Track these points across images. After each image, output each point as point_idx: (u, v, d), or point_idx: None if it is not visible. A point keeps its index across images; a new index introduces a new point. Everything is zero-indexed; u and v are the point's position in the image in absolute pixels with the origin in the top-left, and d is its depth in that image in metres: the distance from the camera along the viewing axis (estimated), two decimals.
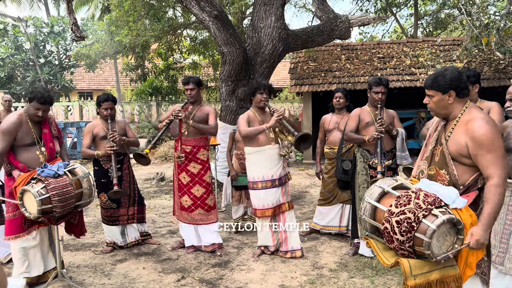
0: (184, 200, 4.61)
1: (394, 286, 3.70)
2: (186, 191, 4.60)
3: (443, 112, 2.39)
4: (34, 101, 3.54)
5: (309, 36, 7.93)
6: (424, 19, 18.10)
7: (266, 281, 3.89)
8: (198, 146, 4.58)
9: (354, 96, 9.60)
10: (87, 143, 4.59)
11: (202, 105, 4.65)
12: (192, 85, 4.50)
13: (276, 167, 4.32)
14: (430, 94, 2.39)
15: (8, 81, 18.45)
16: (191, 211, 4.60)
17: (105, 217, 4.72)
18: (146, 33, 11.22)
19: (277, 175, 4.32)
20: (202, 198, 4.59)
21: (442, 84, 2.33)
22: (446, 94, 2.33)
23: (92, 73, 21.71)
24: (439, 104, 2.37)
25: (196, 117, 4.51)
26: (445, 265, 2.20)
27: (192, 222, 4.61)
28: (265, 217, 4.35)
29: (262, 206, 4.32)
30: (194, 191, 4.58)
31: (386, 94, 4.36)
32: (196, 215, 4.59)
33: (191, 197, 4.59)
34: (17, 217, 3.58)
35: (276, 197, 4.33)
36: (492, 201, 2.16)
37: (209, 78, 15.85)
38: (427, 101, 2.43)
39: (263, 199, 4.31)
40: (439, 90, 2.34)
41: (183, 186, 4.61)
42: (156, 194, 7.77)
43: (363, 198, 2.44)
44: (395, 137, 4.37)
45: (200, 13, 6.90)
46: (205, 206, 4.59)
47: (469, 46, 9.08)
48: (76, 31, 7.48)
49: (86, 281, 3.93)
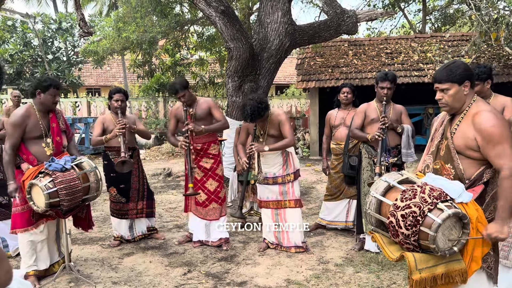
0: (198, 196, 4.63)
1: (400, 281, 3.70)
2: (200, 186, 4.62)
3: (458, 105, 2.34)
4: (51, 88, 3.60)
5: (316, 31, 7.90)
6: (432, 15, 17.93)
7: (271, 275, 3.91)
8: (208, 142, 4.59)
9: (361, 92, 9.56)
10: (97, 133, 4.64)
11: (197, 100, 4.61)
12: (181, 92, 4.40)
13: (272, 167, 4.40)
14: (445, 88, 2.33)
15: (17, 77, 18.60)
16: (205, 206, 4.62)
17: (114, 211, 4.76)
18: (153, 29, 11.24)
19: (271, 174, 4.41)
20: (215, 192, 4.62)
21: (458, 75, 2.29)
22: (462, 85, 2.30)
23: (99, 70, 21.83)
24: (455, 96, 2.31)
25: (198, 115, 4.51)
26: (450, 259, 2.19)
27: (206, 218, 4.64)
28: (265, 208, 4.52)
29: (266, 198, 4.51)
30: (208, 186, 4.61)
31: (393, 89, 4.32)
32: (210, 210, 4.62)
33: (205, 192, 4.61)
34: (26, 211, 3.62)
35: (271, 194, 4.44)
36: (504, 194, 2.14)
37: (215, 74, 15.85)
38: (441, 96, 2.36)
39: (261, 192, 4.53)
40: (456, 81, 2.30)
41: (197, 182, 4.62)
42: (163, 189, 7.81)
43: (368, 193, 2.43)
44: (401, 134, 4.34)
45: (206, 9, 6.89)
46: (218, 200, 4.63)
47: (478, 41, 8.99)
48: (83, 27, 7.52)
49: (94, 274, 3.98)
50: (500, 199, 2.17)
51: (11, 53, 18.01)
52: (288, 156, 4.43)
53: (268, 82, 7.54)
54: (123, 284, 3.75)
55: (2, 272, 1.30)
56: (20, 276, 3.58)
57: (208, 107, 4.54)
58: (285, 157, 4.41)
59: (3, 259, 1.35)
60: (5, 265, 1.32)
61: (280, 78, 16.63)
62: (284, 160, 4.41)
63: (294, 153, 4.55)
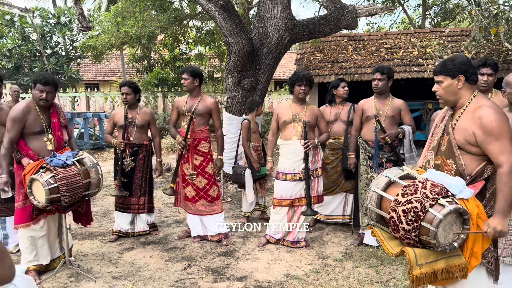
0: (188, 191, 4.64)
1: (399, 276, 3.71)
2: (189, 182, 4.62)
3: (452, 99, 2.37)
4: (37, 83, 3.58)
5: (316, 26, 7.87)
6: (432, 10, 17.89)
7: (271, 270, 3.92)
8: (199, 139, 4.58)
9: (361, 87, 9.59)
10: (109, 130, 4.87)
11: (204, 96, 4.63)
12: (186, 74, 4.51)
13: (298, 162, 4.32)
14: (439, 80, 2.38)
15: (16, 72, 18.52)
16: (195, 202, 4.63)
17: (117, 204, 4.80)
18: (152, 24, 11.19)
19: (299, 170, 4.32)
20: (204, 190, 4.61)
21: (451, 68, 2.32)
22: (455, 79, 2.32)
23: (98, 64, 21.73)
24: (448, 89, 2.35)
25: (198, 110, 4.52)
26: (450, 254, 2.20)
27: (197, 213, 4.64)
28: (281, 206, 4.42)
29: (280, 196, 4.41)
30: (197, 183, 4.61)
31: (385, 81, 4.28)
32: (200, 206, 4.63)
33: (194, 188, 4.62)
34: (27, 206, 3.62)
35: (295, 191, 4.35)
36: (504, 188, 2.15)
37: (215, 69, 15.81)
38: (436, 88, 2.41)
39: (281, 190, 4.40)
40: (448, 74, 2.33)
41: (186, 177, 4.63)
42: (162, 185, 7.82)
43: (368, 188, 2.44)
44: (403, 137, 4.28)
45: (206, 3, 6.87)
46: (208, 197, 4.62)
47: (478, 36, 8.97)
48: (82, 21, 7.50)
49: (94, 269, 3.99)
50: (499, 194, 2.18)
51: (9, 48, 17.92)
52: (317, 150, 4.43)
53: (267, 77, 7.53)
54: (123, 279, 3.76)
55: (5, 267, 1.31)
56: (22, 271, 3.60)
57: (210, 109, 4.56)
58: (315, 151, 4.40)
59: (6, 255, 1.36)
60: (8, 260, 1.33)
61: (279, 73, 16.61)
62: (313, 155, 4.38)
63: (321, 149, 4.56)
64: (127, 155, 4.66)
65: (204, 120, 4.58)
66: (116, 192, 4.66)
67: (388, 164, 4.24)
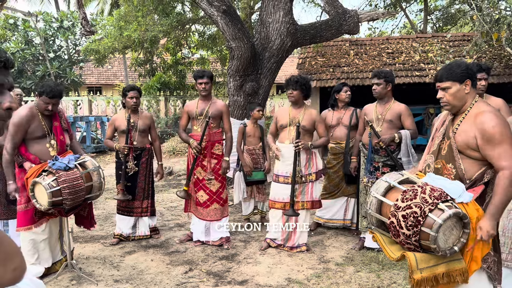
0: (199, 195, 4.63)
1: (400, 280, 3.71)
2: (202, 186, 4.62)
3: (459, 104, 2.35)
4: (43, 95, 3.59)
5: (318, 31, 7.91)
6: (434, 15, 17.91)
7: (272, 274, 3.93)
8: (214, 141, 4.60)
9: (362, 92, 9.59)
10: (109, 135, 4.92)
11: (214, 99, 4.66)
12: (207, 79, 4.51)
13: (291, 165, 4.29)
14: (446, 86, 2.34)
15: (19, 76, 18.60)
16: (207, 207, 4.61)
17: (120, 207, 4.81)
18: (154, 28, 11.25)
19: (291, 173, 4.30)
20: (218, 193, 4.61)
21: (459, 73, 2.30)
22: (463, 84, 2.31)
23: (101, 68, 21.79)
24: (456, 95, 2.32)
25: (212, 113, 4.53)
26: (451, 259, 2.21)
27: (207, 218, 4.62)
28: (275, 209, 4.44)
29: (273, 199, 4.45)
30: (210, 186, 4.60)
31: (383, 85, 4.24)
32: (212, 211, 4.61)
33: (206, 192, 4.60)
34: (29, 209, 3.64)
35: (287, 194, 4.33)
36: (501, 192, 2.16)
37: (217, 74, 15.85)
38: (442, 95, 2.37)
39: (275, 193, 4.43)
40: (456, 79, 2.31)
41: (198, 181, 4.63)
42: (164, 188, 7.83)
43: (368, 193, 2.45)
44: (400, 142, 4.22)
45: (208, 8, 6.91)
46: (220, 201, 4.62)
47: (479, 41, 8.98)
48: (85, 26, 7.55)
49: (95, 272, 3.99)
50: (496, 197, 2.18)
51: (12, 51, 18.01)
52: (312, 155, 4.43)
53: (269, 81, 7.55)
54: (124, 282, 3.77)
55: (9, 270, 1.31)
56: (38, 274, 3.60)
57: (221, 111, 4.60)
58: (309, 156, 4.40)
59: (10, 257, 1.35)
60: (13, 262, 1.32)
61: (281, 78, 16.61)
62: (307, 159, 4.38)
63: (318, 154, 4.53)
64: (130, 159, 4.68)
65: (217, 123, 4.61)
66: (119, 196, 4.67)
67: (384, 169, 4.19)
